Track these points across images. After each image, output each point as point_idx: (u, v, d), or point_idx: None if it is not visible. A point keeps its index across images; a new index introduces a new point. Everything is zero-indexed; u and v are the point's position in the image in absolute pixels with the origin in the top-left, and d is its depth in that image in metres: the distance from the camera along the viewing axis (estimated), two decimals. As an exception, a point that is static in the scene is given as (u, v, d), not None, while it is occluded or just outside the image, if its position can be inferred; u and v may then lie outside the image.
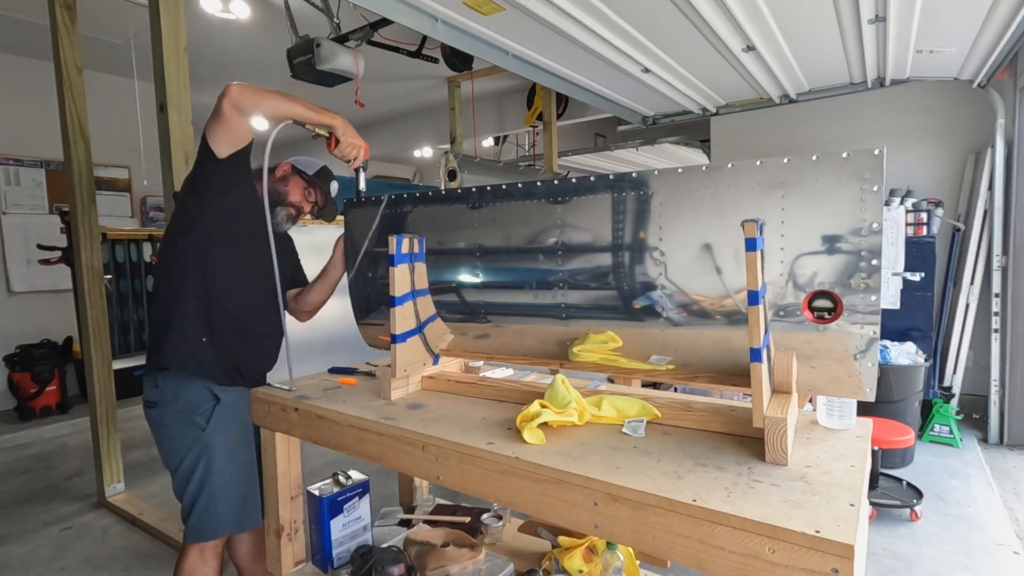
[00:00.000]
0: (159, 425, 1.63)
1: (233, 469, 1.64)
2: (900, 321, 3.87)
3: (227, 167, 1.56)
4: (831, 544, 0.80)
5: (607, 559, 1.71)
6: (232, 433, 1.65)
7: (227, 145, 1.54)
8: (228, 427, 1.64)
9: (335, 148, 1.67)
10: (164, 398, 1.60)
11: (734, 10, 2.71)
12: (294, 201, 1.79)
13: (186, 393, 1.60)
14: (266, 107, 1.52)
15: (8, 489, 3.34)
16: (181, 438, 1.60)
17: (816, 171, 1.10)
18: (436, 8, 2.73)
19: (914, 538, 2.55)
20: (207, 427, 1.60)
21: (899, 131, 4.34)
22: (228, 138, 1.53)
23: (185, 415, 1.59)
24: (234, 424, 1.66)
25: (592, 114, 5.65)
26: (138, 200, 5.66)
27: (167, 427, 1.61)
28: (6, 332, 4.67)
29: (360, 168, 1.76)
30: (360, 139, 1.69)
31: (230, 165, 1.56)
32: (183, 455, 1.60)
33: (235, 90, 1.48)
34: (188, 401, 1.60)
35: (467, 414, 1.42)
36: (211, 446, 1.60)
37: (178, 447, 1.61)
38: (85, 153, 2.90)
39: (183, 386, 1.60)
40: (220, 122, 1.50)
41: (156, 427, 1.64)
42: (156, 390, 1.61)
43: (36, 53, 4.65)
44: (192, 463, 1.60)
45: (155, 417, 1.63)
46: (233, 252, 1.62)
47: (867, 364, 1.12)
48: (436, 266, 1.64)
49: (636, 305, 1.34)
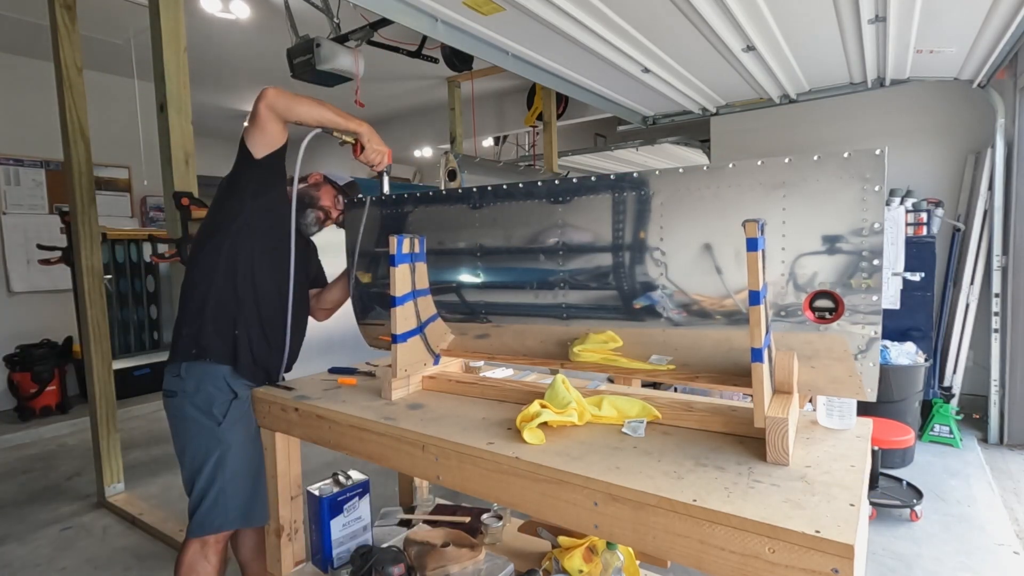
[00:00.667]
0: (177, 415, 1.65)
1: (244, 464, 1.66)
2: (900, 321, 3.87)
3: (263, 168, 1.63)
4: (831, 544, 0.80)
5: (607, 559, 1.71)
6: (245, 429, 1.68)
7: (263, 146, 1.61)
8: (242, 423, 1.67)
9: (360, 154, 1.74)
10: (185, 388, 1.63)
11: (734, 10, 2.71)
12: (324, 205, 1.86)
13: (207, 385, 1.63)
14: (299, 111, 1.59)
15: (8, 489, 3.34)
16: (197, 430, 1.63)
17: (817, 171, 1.10)
18: (436, 8, 2.73)
19: (914, 538, 2.55)
20: (223, 422, 1.63)
21: (899, 131, 4.34)
22: (264, 140, 1.60)
23: (204, 407, 1.62)
24: (248, 420, 1.70)
25: (592, 114, 5.65)
26: (138, 200, 5.66)
27: (185, 418, 1.64)
28: (6, 332, 4.67)
29: (384, 172, 1.80)
30: (384, 146, 1.76)
31: (266, 166, 1.63)
32: (197, 447, 1.63)
33: (271, 94, 1.55)
34: (208, 393, 1.62)
35: (467, 414, 1.42)
36: (225, 441, 1.63)
37: (193, 439, 1.64)
38: (85, 153, 2.90)
39: (205, 378, 1.63)
40: (256, 124, 1.58)
41: (174, 417, 1.67)
42: (178, 380, 1.64)
43: (36, 53, 4.64)
44: (205, 456, 1.62)
45: (174, 407, 1.65)
46: (265, 250, 1.69)
47: (868, 364, 1.12)
48: (437, 266, 1.64)
49: (637, 305, 1.34)
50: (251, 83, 5.65)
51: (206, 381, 1.63)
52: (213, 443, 1.63)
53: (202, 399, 1.62)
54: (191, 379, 1.63)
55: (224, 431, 1.63)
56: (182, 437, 1.66)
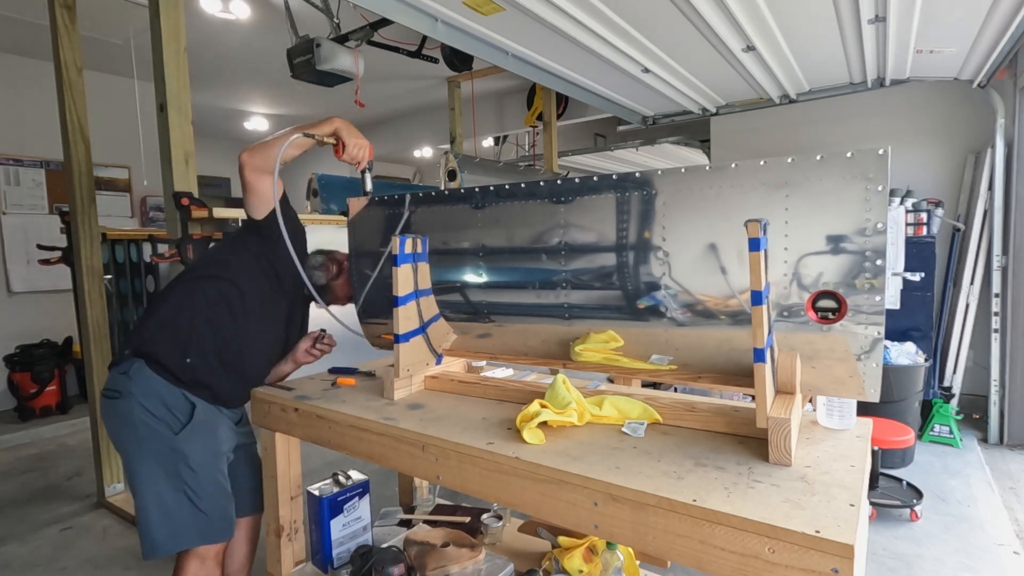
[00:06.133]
0: (123, 418, 1.49)
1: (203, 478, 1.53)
2: (900, 321, 3.87)
3: (267, 227, 1.65)
4: (831, 544, 0.80)
5: (607, 559, 1.71)
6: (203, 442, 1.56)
7: (262, 207, 1.64)
8: (200, 435, 1.55)
9: (344, 153, 1.72)
10: (132, 389, 1.49)
11: (734, 10, 2.71)
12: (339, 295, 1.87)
13: (159, 389, 1.51)
14: (275, 151, 1.58)
15: (8, 489, 3.34)
16: (149, 436, 1.48)
17: (820, 171, 1.10)
18: (436, 8, 2.73)
19: (914, 538, 2.54)
20: (180, 431, 1.51)
21: (899, 131, 4.34)
22: (259, 201, 1.63)
23: (155, 411, 1.49)
24: (206, 434, 1.57)
25: (592, 114, 5.65)
26: (138, 200, 5.65)
27: (132, 423, 1.48)
28: (6, 332, 4.67)
29: (366, 169, 1.78)
30: (362, 137, 1.73)
31: (270, 225, 1.64)
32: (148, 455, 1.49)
33: (246, 156, 1.57)
34: (161, 396, 1.50)
35: (467, 414, 1.42)
36: (181, 451, 1.51)
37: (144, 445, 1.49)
38: (85, 153, 2.90)
39: (157, 381, 1.51)
40: (249, 190, 1.61)
41: (118, 421, 1.50)
42: (125, 378, 1.50)
43: (36, 53, 4.64)
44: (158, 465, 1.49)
45: (119, 409, 1.49)
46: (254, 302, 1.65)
47: (871, 364, 1.12)
48: (440, 266, 1.64)
49: (640, 305, 1.33)
50: (251, 83, 5.64)
51: (157, 383, 1.51)
52: (169, 454, 1.49)
53: (154, 403, 1.49)
54: (140, 379, 1.50)
55: (183, 441, 1.51)
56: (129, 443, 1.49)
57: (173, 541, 1.49)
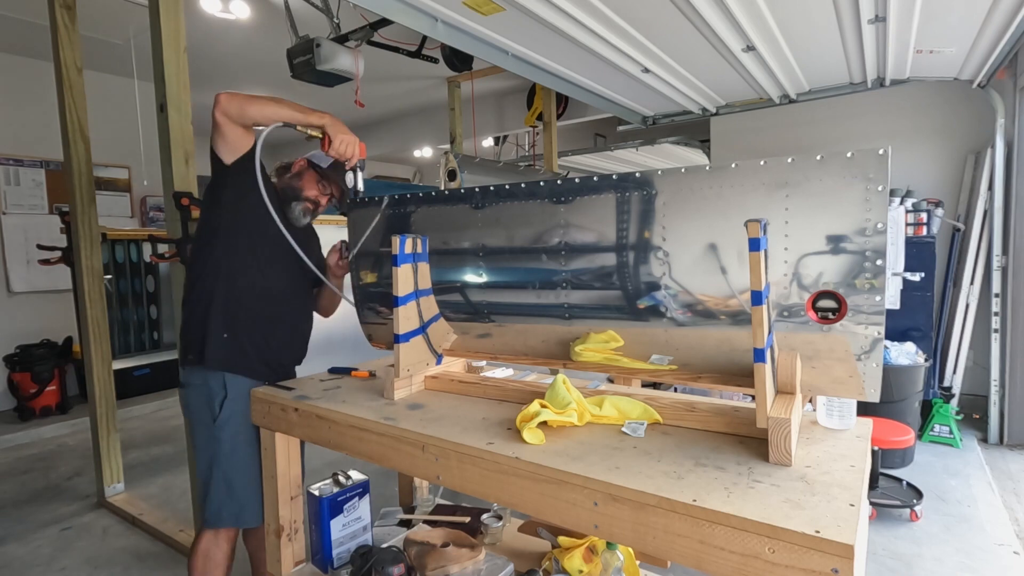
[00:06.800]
0: (186, 406, 1.74)
1: (235, 466, 1.70)
2: (900, 321, 3.87)
3: (235, 173, 1.65)
4: (831, 544, 0.80)
5: (607, 559, 1.71)
6: (236, 430, 1.70)
7: (229, 152, 1.64)
8: (233, 423, 1.69)
9: (329, 148, 1.68)
10: (190, 380, 1.72)
11: (734, 10, 2.71)
12: (310, 195, 1.83)
13: (207, 379, 1.69)
14: (252, 113, 1.59)
15: (8, 489, 3.34)
16: (198, 424, 1.71)
17: (821, 171, 1.10)
18: (436, 8, 2.73)
19: (914, 538, 2.55)
20: (217, 418, 1.67)
21: (899, 131, 4.34)
22: (228, 146, 1.63)
23: (205, 402, 1.69)
24: (240, 421, 1.71)
25: (592, 114, 5.65)
26: (138, 200, 5.66)
27: (191, 409, 1.72)
28: (6, 332, 4.67)
29: (356, 168, 1.75)
30: (351, 134, 1.70)
31: (238, 171, 1.65)
32: (198, 441, 1.72)
33: (223, 99, 1.56)
34: (209, 388, 1.69)
35: (467, 414, 1.42)
36: (218, 439, 1.68)
37: (195, 432, 1.73)
38: (85, 153, 2.90)
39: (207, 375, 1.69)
40: (217, 131, 1.60)
41: (184, 407, 1.76)
42: (184, 371, 1.74)
43: (36, 53, 4.64)
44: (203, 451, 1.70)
45: (184, 397, 1.74)
46: (256, 250, 1.71)
47: (871, 365, 1.12)
48: (440, 266, 1.64)
49: (640, 305, 1.33)
50: (251, 83, 5.64)
51: (205, 374, 1.69)
52: (210, 440, 1.69)
53: (205, 393, 1.69)
54: (194, 372, 1.71)
55: (218, 429, 1.68)
56: (191, 428, 1.75)
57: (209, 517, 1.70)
